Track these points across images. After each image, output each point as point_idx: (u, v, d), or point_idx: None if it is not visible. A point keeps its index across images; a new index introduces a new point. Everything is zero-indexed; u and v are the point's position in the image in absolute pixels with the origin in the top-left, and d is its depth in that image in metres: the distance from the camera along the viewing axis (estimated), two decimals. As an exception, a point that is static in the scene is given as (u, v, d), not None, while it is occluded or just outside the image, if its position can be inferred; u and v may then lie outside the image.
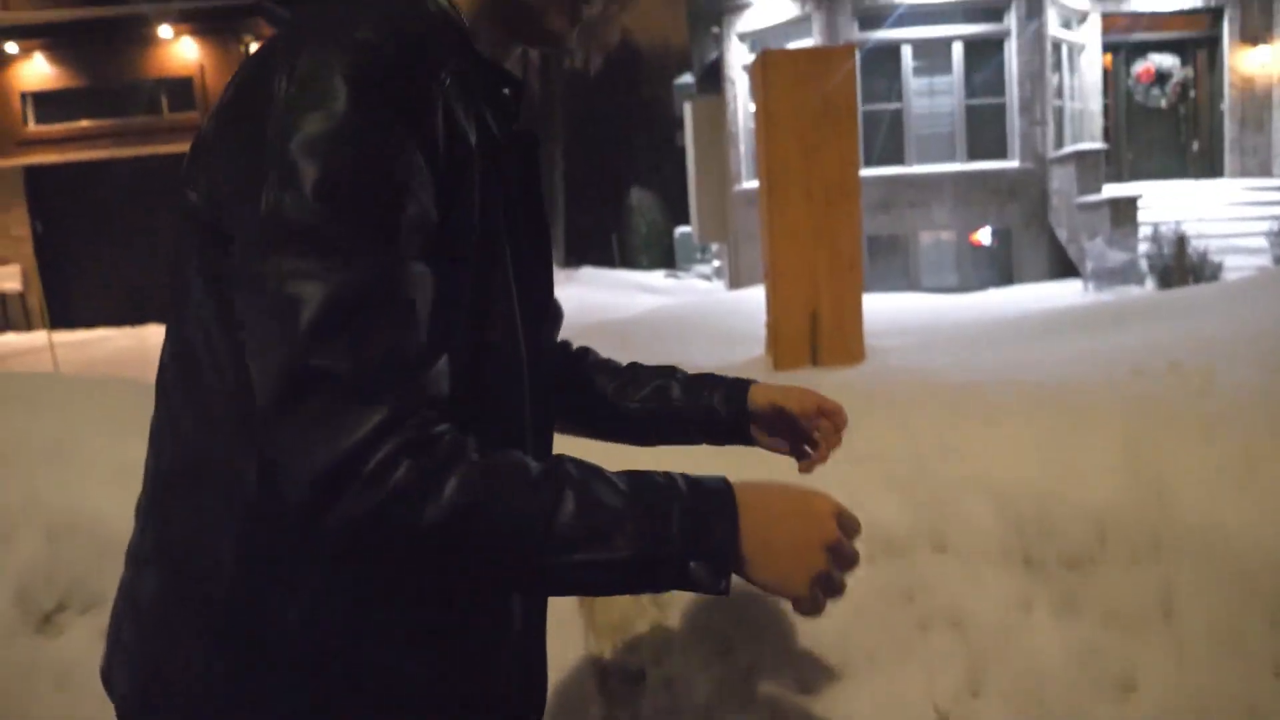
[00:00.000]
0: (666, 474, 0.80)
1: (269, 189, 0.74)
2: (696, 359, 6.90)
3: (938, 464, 2.47)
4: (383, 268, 0.74)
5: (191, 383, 0.88)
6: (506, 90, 0.93)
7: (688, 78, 18.92)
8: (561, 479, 0.76)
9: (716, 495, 0.79)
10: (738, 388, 1.18)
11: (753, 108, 8.50)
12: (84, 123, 14.01)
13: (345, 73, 0.75)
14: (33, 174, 14.09)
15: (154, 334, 11.80)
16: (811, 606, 0.81)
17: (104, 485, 2.80)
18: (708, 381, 1.20)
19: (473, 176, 0.83)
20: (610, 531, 0.74)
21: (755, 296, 8.35)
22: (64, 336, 10.62)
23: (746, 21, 14.00)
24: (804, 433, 1.17)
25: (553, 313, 1.13)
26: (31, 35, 13.95)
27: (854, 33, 12.87)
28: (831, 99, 6.38)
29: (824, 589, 0.81)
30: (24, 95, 14.11)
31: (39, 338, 11.80)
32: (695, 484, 0.79)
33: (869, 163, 12.58)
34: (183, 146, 8.77)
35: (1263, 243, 11.15)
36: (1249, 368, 4.13)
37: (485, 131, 0.86)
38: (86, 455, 2.88)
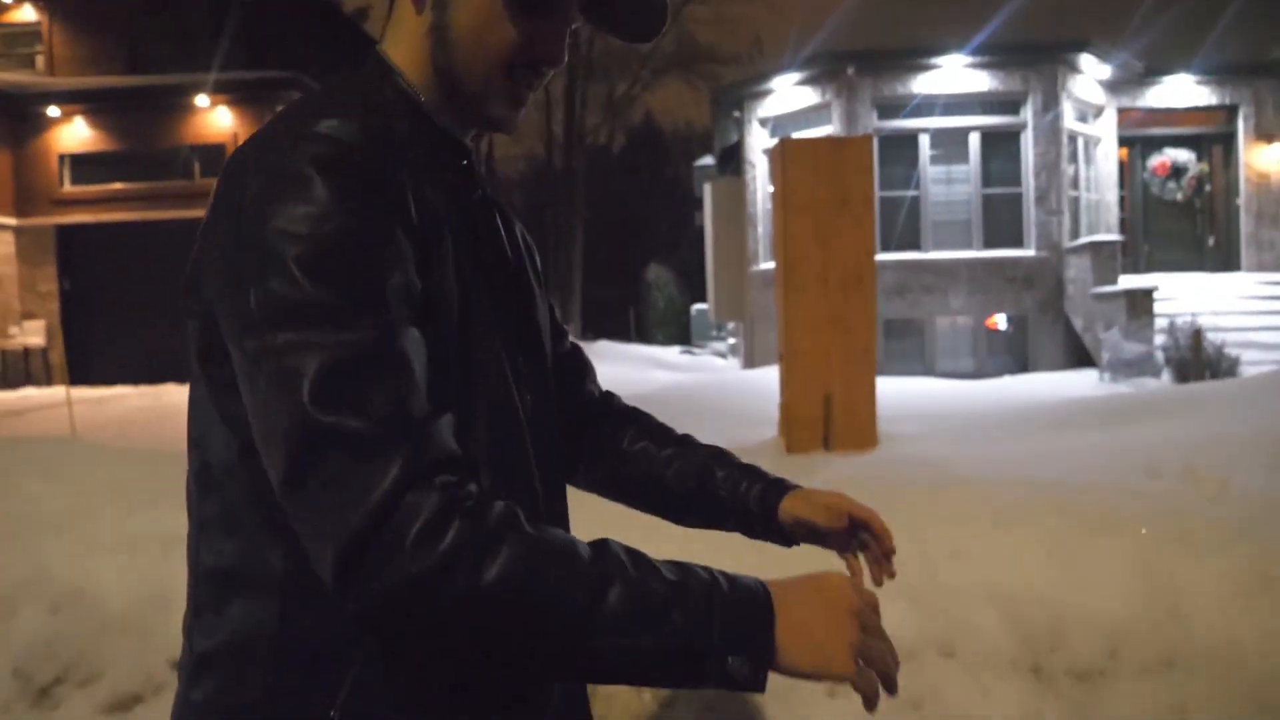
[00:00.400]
0: (708, 568, 0.79)
1: (253, 279, 0.75)
2: (709, 439, 6.85)
3: (947, 568, 2.44)
4: (377, 329, 0.75)
5: (208, 491, 0.89)
6: (465, 161, 0.96)
7: (708, 159, 19.28)
8: (611, 560, 0.75)
9: (754, 591, 0.78)
10: (773, 491, 1.14)
11: (771, 190, 8.64)
12: (117, 185, 14.35)
13: (314, 162, 0.78)
14: (64, 233, 14.41)
15: (169, 394, 11.89)
16: (865, 683, 0.78)
17: (111, 557, 2.81)
18: (750, 473, 1.17)
19: (445, 247, 0.86)
20: (657, 618, 0.73)
21: (770, 377, 8.35)
22: (82, 393, 10.73)
23: (768, 107, 14.30)
24: (840, 539, 1.14)
25: (578, 366, 1.20)
26: (73, 100, 14.40)
27: (873, 121, 13.11)
28: (849, 188, 6.48)
29: (867, 660, 0.79)
30: (61, 157, 14.50)
31: (58, 393, 11.91)
32: (733, 580, 0.79)
33: (886, 248, 12.70)
34: (211, 216, 8.90)
35: (1278, 338, 11.12)
36: (1264, 472, 4.09)
37: (451, 201, 0.90)
38: (96, 527, 2.90)
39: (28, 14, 15.90)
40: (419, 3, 0.91)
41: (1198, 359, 10.20)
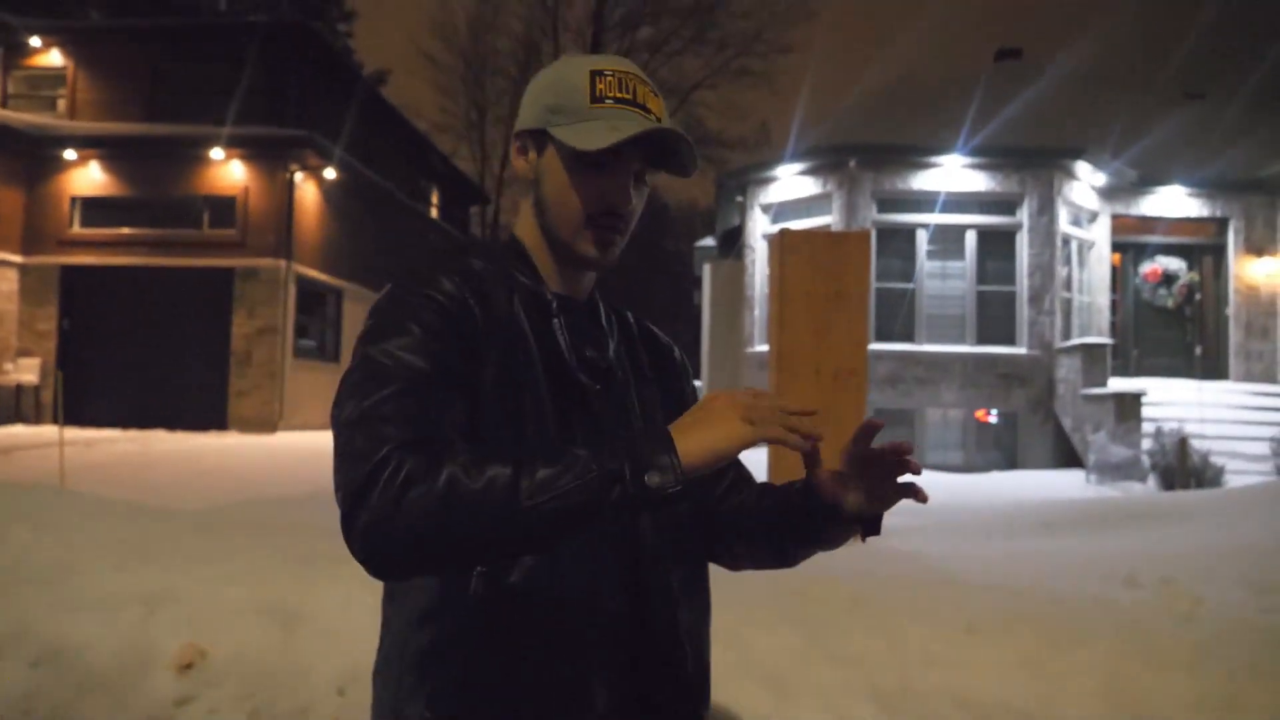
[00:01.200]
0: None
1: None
2: (694, 520, 6.83)
3: (919, 673, 2.47)
4: (400, 371, 0.99)
5: None
6: (547, 294, 1.17)
7: (710, 240, 19.59)
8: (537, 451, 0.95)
9: (652, 427, 1.00)
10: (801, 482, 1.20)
11: (769, 275, 8.80)
12: (125, 230, 14.51)
13: (391, 283, 1.10)
14: (68, 273, 14.52)
15: (158, 439, 11.87)
16: (774, 432, 0.97)
17: (94, 613, 2.83)
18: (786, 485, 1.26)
19: (488, 343, 1.07)
20: (577, 463, 0.91)
21: (760, 457, 8.38)
22: (72, 434, 10.72)
23: (770, 193, 14.61)
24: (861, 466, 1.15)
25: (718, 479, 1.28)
26: (90, 145, 14.65)
27: (872, 213, 13.40)
28: (845, 282, 6.62)
29: (759, 419, 0.97)
30: (73, 199, 14.69)
31: (45, 432, 11.89)
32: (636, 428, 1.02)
33: (881, 338, 12.86)
34: (218, 261, 9.11)
35: (1265, 449, 11.21)
36: (1239, 589, 4.13)
37: (525, 316, 1.12)
38: (82, 581, 2.92)
39: (54, 58, 16.28)
40: (527, 186, 1.19)
41: (1183, 467, 10.28)
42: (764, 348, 12.97)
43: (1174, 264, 14.61)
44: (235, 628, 2.82)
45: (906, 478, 1.10)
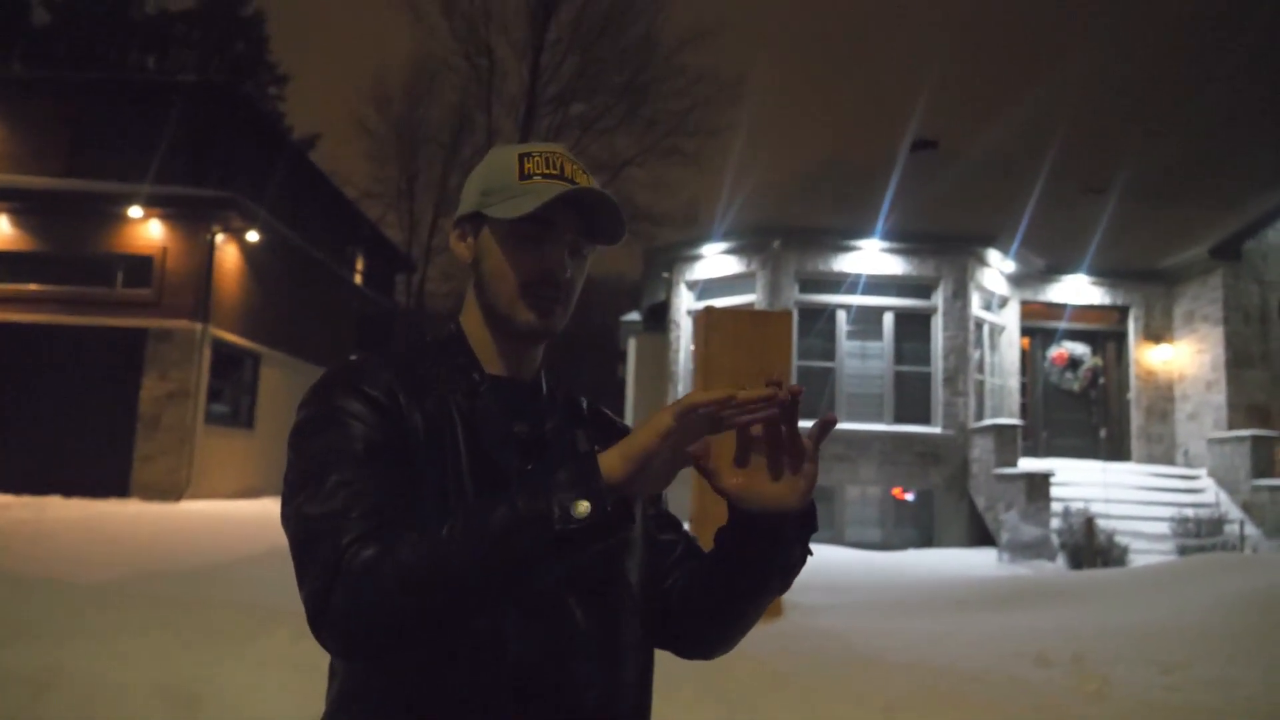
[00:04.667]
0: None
1: None
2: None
3: (838, 754, 2.46)
4: (341, 453, 1.02)
5: None
6: (476, 375, 1.18)
7: (635, 314, 19.78)
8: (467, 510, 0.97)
9: (578, 457, 0.97)
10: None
11: (694, 350, 8.90)
12: (33, 286, 14.00)
13: (320, 379, 1.13)
14: (-32, 330, 13.88)
15: (54, 506, 11.29)
16: (696, 395, 0.93)
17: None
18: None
19: (416, 434, 1.08)
20: (506, 510, 0.92)
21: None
22: (-40, 500, 10.12)
23: (696, 271, 14.87)
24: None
25: (666, 551, 1.24)
26: (1, 198, 14.17)
27: (794, 293, 13.72)
28: (768, 360, 6.73)
29: (689, 407, 0.93)
30: (-21, 253, 14.15)
31: (-68, 498, 11.20)
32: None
33: (802, 415, 13.01)
34: (130, 321, 8.81)
35: (1165, 529, 11.63)
36: (1145, 668, 4.25)
37: (442, 400, 1.12)
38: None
39: (-31, 110, 15.81)
40: (468, 273, 1.23)
41: (1090, 546, 10.59)
42: (688, 422, 13.03)
43: (1079, 349, 15.24)
44: (131, 709, 2.67)
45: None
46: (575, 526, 0.90)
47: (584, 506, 0.90)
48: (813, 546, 1.15)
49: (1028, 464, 12.64)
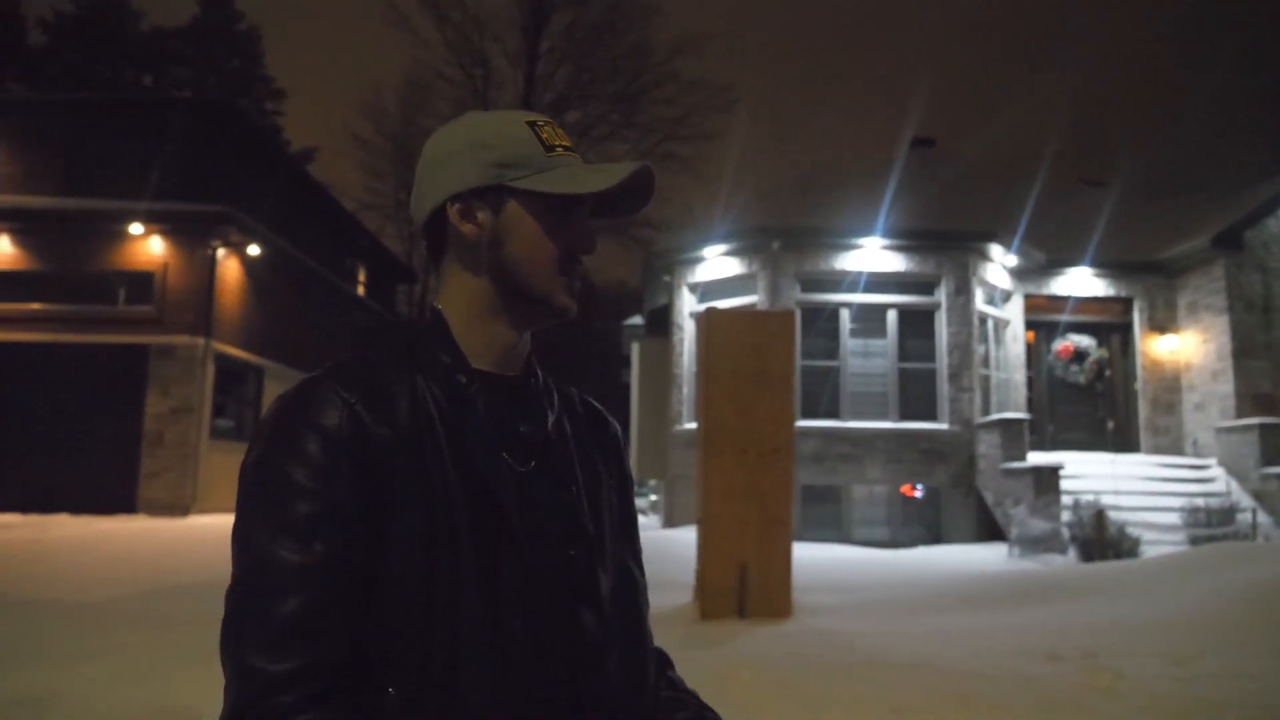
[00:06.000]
0: None
1: None
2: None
3: (846, 758, 2.43)
4: (274, 549, 0.91)
5: None
6: (461, 377, 1.05)
7: (638, 319, 19.75)
8: None
9: None
10: None
11: (696, 352, 8.86)
12: (35, 305, 14.01)
13: (272, 409, 1.00)
14: (-28, 351, 13.90)
15: (58, 525, 11.28)
16: None
17: (-30, 719, 2.62)
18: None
19: (390, 458, 0.97)
20: None
21: (688, 538, 8.32)
22: (-34, 522, 10.11)
23: (697, 273, 14.83)
24: None
25: (620, 584, 1.12)
26: (1, 218, 14.19)
27: (796, 293, 13.68)
28: (770, 361, 6.70)
29: None
30: (-19, 274, 14.17)
31: (-62, 520, 11.20)
32: None
33: (807, 415, 13.01)
34: (132, 338, 8.77)
35: (1176, 519, 11.55)
36: (1157, 662, 4.19)
37: (417, 410, 1.01)
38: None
39: (-34, 132, 15.85)
40: (466, 252, 1.09)
41: (1101, 539, 10.52)
42: (693, 425, 13.01)
43: (1084, 341, 15.17)
44: (128, 730, 2.64)
45: None
46: None
47: None
48: (821, 546, 1.13)
49: (1036, 458, 12.57)
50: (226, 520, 12.90)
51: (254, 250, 15.14)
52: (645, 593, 1.19)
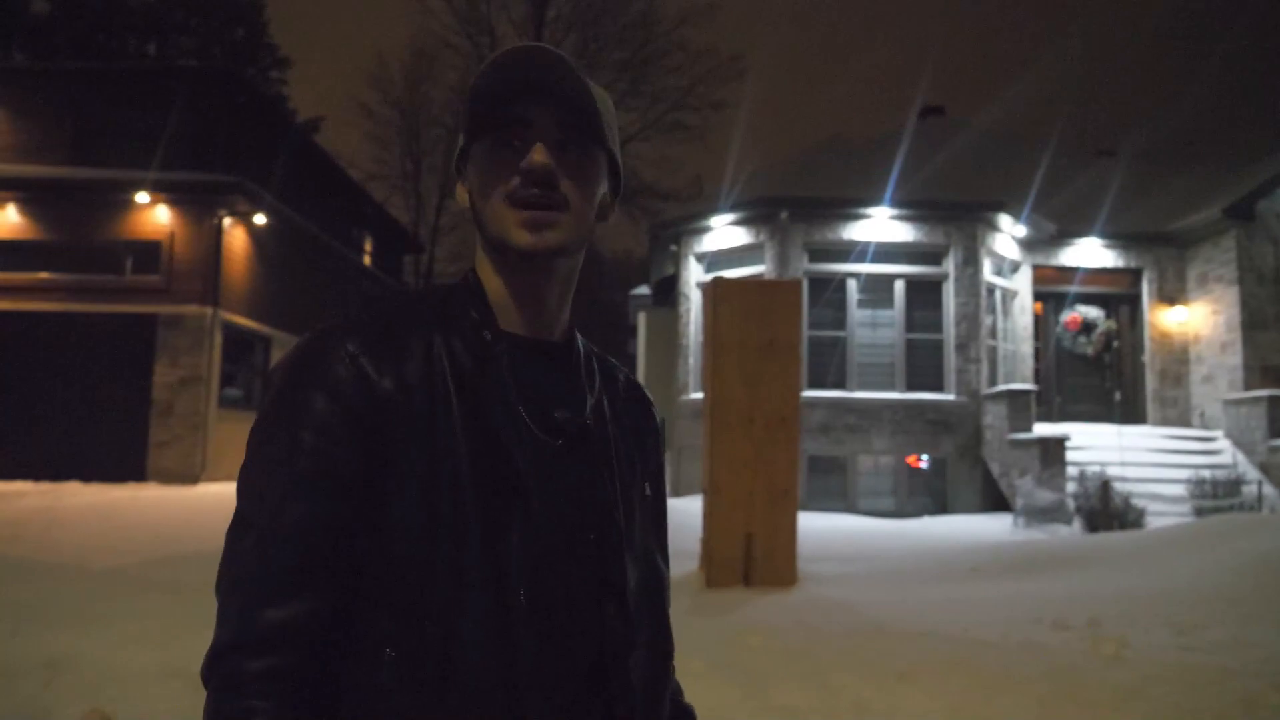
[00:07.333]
0: None
1: None
2: (629, 570, 6.74)
3: (852, 723, 2.45)
4: (265, 506, 0.91)
5: None
6: (487, 334, 1.01)
7: (644, 289, 19.71)
8: None
9: None
10: None
11: (703, 322, 8.86)
12: (43, 275, 14.03)
13: (279, 368, 0.98)
14: (-20, 320, 13.95)
15: (70, 492, 11.37)
16: None
17: (-12, 681, 2.65)
18: None
19: (400, 420, 0.94)
20: None
21: (695, 507, 8.36)
22: (-22, 490, 10.20)
23: (704, 243, 14.78)
24: None
25: (638, 580, 1.05)
26: (9, 187, 14.19)
27: (804, 263, 13.62)
28: (777, 330, 6.69)
29: None
30: (-12, 243, 14.18)
31: (-49, 488, 11.30)
32: None
33: (814, 386, 13.01)
34: (140, 308, 8.79)
35: (1182, 491, 11.56)
36: (1162, 631, 4.21)
37: (431, 371, 0.97)
38: (-25, 646, 2.74)
39: (-28, 101, 15.80)
40: (478, 225, 1.05)
41: (1106, 509, 10.54)
42: (699, 396, 13.02)
43: (1093, 313, 15.11)
44: (143, 693, 2.67)
45: None
46: None
47: None
48: (827, 516, 1.11)
49: (1042, 429, 12.56)
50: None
51: (260, 219, 15.12)
52: (669, 588, 1.14)
